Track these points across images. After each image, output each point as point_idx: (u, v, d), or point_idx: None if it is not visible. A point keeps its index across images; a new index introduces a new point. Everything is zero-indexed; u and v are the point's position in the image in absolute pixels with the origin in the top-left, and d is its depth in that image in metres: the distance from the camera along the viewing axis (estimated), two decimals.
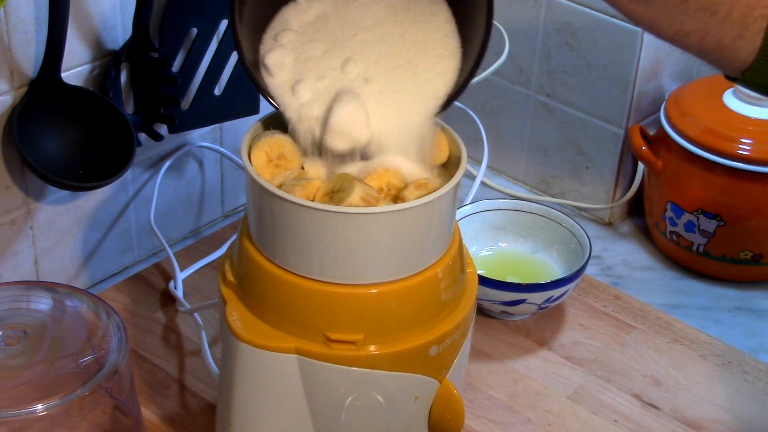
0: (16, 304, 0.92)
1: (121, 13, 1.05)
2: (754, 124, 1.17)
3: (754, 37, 0.77)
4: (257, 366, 0.84)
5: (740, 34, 0.77)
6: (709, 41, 0.78)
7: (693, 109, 1.20)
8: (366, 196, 0.80)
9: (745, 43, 0.77)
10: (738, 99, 1.19)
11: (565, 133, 1.29)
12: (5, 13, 0.96)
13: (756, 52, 0.77)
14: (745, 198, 1.17)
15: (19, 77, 0.99)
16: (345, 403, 0.85)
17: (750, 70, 0.78)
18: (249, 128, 0.86)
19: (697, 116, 1.19)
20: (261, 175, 0.83)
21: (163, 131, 1.11)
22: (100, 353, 0.88)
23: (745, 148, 1.15)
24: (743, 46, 0.78)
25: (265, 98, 0.85)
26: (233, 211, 1.28)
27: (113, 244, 1.16)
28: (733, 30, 0.77)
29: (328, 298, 0.82)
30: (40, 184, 1.04)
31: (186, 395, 1.03)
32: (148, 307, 1.13)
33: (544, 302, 1.09)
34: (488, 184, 1.35)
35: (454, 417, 0.88)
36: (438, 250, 0.84)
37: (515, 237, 1.18)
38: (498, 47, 1.26)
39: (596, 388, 1.06)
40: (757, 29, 0.77)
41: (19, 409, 0.83)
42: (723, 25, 0.77)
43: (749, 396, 1.06)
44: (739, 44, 0.77)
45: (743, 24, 0.77)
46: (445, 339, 0.85)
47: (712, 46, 0.78)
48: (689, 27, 0.78)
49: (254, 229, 0.84)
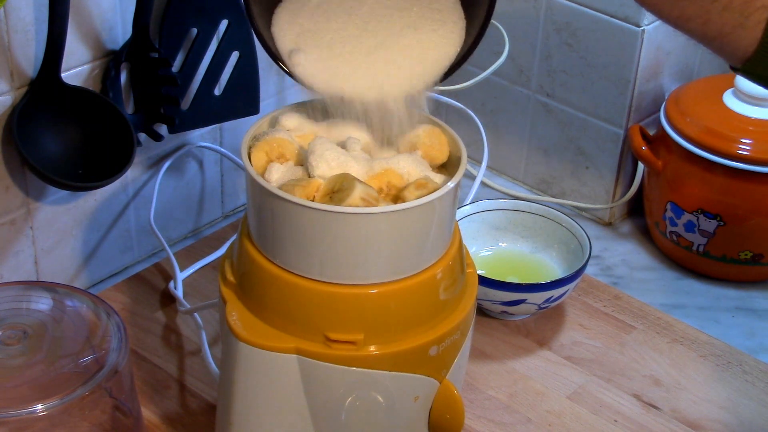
0: (16, 304, 0.92)
1: (121, 13, 1.05)
2: (754, 124, 1.17)
3: (754, 28, 0.77)
4: (257, 366, 0.84)
5: (741, 23, 0.77)
6: (710, 28, 0.78)
7: (693, 109, 1.20)
8: (366, 196, 0.80)
9: (746, 33, 0.77)
10: (738, 99, 1.19)
11: (565, 133, 1.29)
12: (5, 13, 0.96)
13: (756, 42, 0.77)
14: (745, 198, 1.16)
15: (19, 77, 0.99)
16: (345, 403, 0.85)
17: (750, 61, 0.79)
18: (249, 128, 0.87)
19: (697, 116, 1.19)
20: (261, 175, 0.83)
21: (163, 131, 1.11)
22: (100, 353, 0.88)
23: (745, 148, 1.15)
24: (744, 36, 0.78)
25: (278, 64, 0.86)
26: (233, 211, 1.28)
27: (113, 244, 1.16)
28: (733, 18, 0.77)
29: (328, 298, 0.82)
30: (40, 184, 1.04)
31: (186, 395, 1.03)
32: (148, 307, 1.13)
33: (544, 302, 1.09)
34: (488, 184, 1.35)
35: (454, 417, 0.88)
36: (438, 250, 0.84)
37: (515, 237, 1.18)
38: (498, 47, 1.26)
39: (596, 388, 1.06)
40: (758, 20, 0.77)
41: (19, 409, 0.83)
42: (723, 12, 0.77)
43: (749, 396, 1.06)
44: (740, 33, 0.78)
45: (743, 13, 0.77)
46: (445, 339, 0.85)
47: (714, 33, 0.79)
48: (690, 12, 0.78)
49: (254, 229, 0.84)
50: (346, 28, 0.86)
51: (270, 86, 1.22)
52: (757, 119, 1.17)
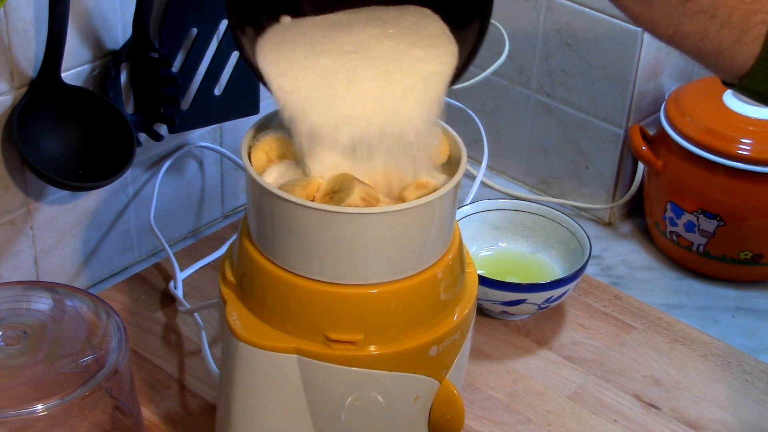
0: (16, 304, 0.92)
1: (121, 13, 1.05)
2: (754, 124, 1.17)
3: (752, 43, 0.76)
4: (257, 366, 0.84)
5: (738, 39, 0.76)
6: (706, 45, 0.77)
7: (693, 109, 1.20)
8: (366, 196, 0.80)
9: (744, 49, 0.77)
10: (738, 99, 1.19)
11: (565, 133, 1.29)
12: (5, 13, 0.96)
13: (754, 58, 0.77)
14: (745, 198, 1.16)
15: (19, 77, 0.99)
16: (345, 403, 0.85)
17: (747, 76, 0.77)
18: (249, 128, 0.86)
19: (697, 116, 1.19)
20: (261, 175, 0.83)
21: (163, 131, 1.11)
22: (100, 353, 0.88)
23: (745, 148, 1.15)
24: (741, 52, 0.77)
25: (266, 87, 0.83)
26: (233, 211, 1.28)
27: (113, 244, 1.16)
28: (731, 35, 0.76)
29: (328, 298, 0.82)
30: (40, 184, 1.04)
31: (186, 395, 1.03)
32: (148, 307, 1.13)
33: (544, 302, 1.09)
34: (488, 184, 1.35)
35: (454, 417, 0.88)
36: (438, 250, 0.84)
37: (515, 237, 1.18)
38: (498, 47, 1.26)
39: (596, 388, 1.06)
40: (756, 35, 0.76)
41: (19, 409, 0.83)
42: (722, 29, 0.76)
43: (749, 396, 1.06)
44: (737, 49, 0.77)
45: (742, 29, 0.76)
46: (445, 339, 0.85)
47: (710, 50, 0.78)
48: (688, 29, 0.77)
49: (254, 229, 0.84)
50: (336, 62, 0.82)
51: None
52: (757, 119, 1.18)
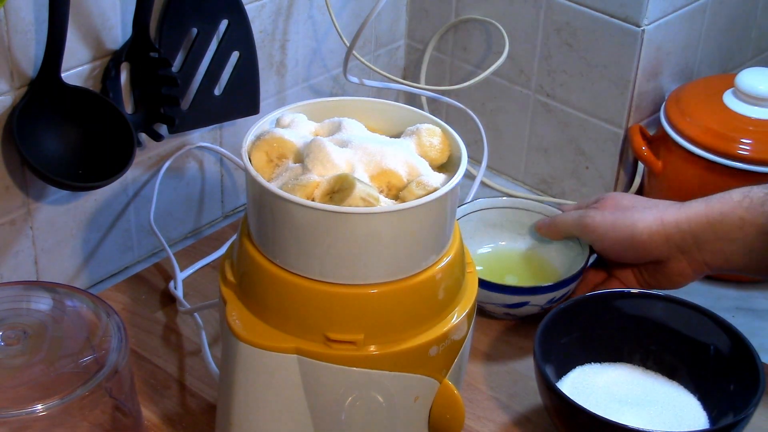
0: (16, 304, 0.92)
1: (121, 13, 1.05)
2: (754, 124, 1.17)
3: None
4: (257, 366, 0.84)
5: None
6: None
7: (693, 109, 1.20)
8: (366, 196, 0.80)
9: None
10: (738, 99, 1.19)
11: (565, 133, 1.29)
12: (5, 13, 0.96)
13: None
14: None
15: (19, 77, 0.99)
16: (345, 403, 0.85)
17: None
18: (249, 128, 0.87)
19: (697, 116, 1.19)
20: (261, 175, 0.83)
21: (163, 131, 1.11)
22: (100, 353, 0.88)
23: (745, 148, 1.15)
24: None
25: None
26: (233, 211, 1.28)
27: (113, 244, 1.16)
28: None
29: (328, 298, 0.82)
30: (40, 184, 1.04)
31: (186, 395, 1.03)
32: (148, 307, 1.13)
33: (547, 303, 1.09)
34: (488, 184, 1.35)
35: (454, 417, 0.88)
36: (438, 250, 0.84)
37: (514, 235, 1.18)
38: (498, 47, 1.26)
39: None
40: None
41: (19, 409, 0.83)
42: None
43: None
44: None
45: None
46: (445, 339, 0.85)
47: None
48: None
49: (254, 229, 0.84)
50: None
51: (270, 86, 1.22)
52: (757, 119, 1.18)
